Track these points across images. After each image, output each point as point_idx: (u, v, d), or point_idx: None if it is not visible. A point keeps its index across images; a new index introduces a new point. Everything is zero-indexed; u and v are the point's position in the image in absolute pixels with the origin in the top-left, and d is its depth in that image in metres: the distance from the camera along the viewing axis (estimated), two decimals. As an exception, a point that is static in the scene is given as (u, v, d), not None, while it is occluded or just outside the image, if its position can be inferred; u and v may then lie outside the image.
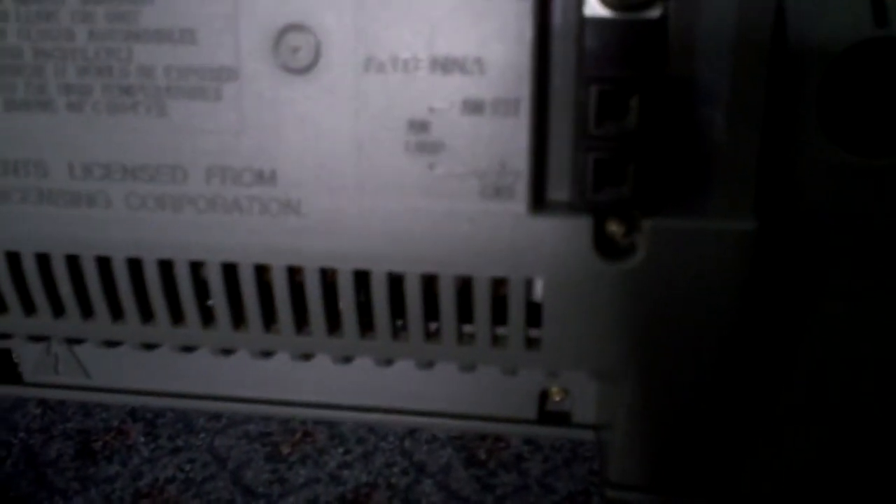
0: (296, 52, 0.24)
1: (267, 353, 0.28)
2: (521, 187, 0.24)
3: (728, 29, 0.24)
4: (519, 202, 0.24)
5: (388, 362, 0.28)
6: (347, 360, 0.28)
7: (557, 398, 0.35)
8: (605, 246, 0.25)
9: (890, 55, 0.26)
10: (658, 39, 0.23)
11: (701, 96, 0.24)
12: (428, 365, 0.28)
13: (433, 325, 0.27)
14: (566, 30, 0.24)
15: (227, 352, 0.28)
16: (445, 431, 0.39)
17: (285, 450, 0.40)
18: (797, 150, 0.26)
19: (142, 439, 0.41)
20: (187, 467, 0.39)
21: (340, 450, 0.40)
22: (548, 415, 0.35)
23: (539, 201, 0.24)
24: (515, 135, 0.24)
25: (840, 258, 0.26)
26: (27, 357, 0.36)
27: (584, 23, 0.23)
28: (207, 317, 0.27)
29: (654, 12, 0.23)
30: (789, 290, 0.26)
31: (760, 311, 0.26)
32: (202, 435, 0.41)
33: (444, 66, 0.23)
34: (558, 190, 0.25)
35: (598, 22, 0.23)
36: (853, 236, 0.26)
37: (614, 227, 0.24)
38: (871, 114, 0.26)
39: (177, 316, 0.27)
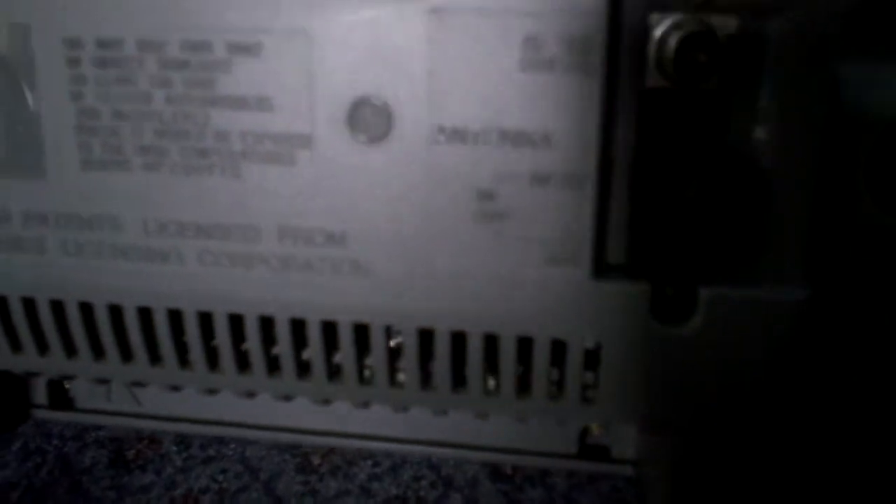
0: (368, 122, 0.25)
1: (326, 400, 0.29)
2: (584, 254, 0.25)
3: (784, 101, 0.24)
4: (581, 268, 0.25)
5: (446, 413, 0.29)
6: (405, 408, 0.29)
7: (597, 432, 0.36)
8: (662, 311, 0.26)
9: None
10: (715, 110, 0.24)
11: (755, 167, 0.25)
12: (484, 416, 0.29)
13: (491, 380, 0.28)
14: (630, 104, 0.24)
15: (289, 397, 0.29)
16: (488, 462, 0.40)
17: (315, 461, 0.41)
18: (847, 219, 0.27)
19: (174, 448, 0.42)
20: (220, 477, 0.40)
21: (369, 462, 0.41)
22: (588, 448, 0.36)
23: (600, 268, 0.25)
24: (580, 205, 0.24)
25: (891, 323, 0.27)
26: (80, 385, 0.37)
27: (645, 94, 0.24)
28: (273, 366, 0.28)
29: (711, 84, 0.24)
30: (841, 356, 0.27)
31: (812, 375, 0.27)
32: (233, 445, 0.42)
33: (513, 139, 0.24)
34: (618, 256, 0.26)
35: (659, 93, 0.24)
36: None
37: (671, 294, 0.25)
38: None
39: (243, 365, 0.28)
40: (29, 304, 0.29)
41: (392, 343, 0.27)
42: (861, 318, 0.27)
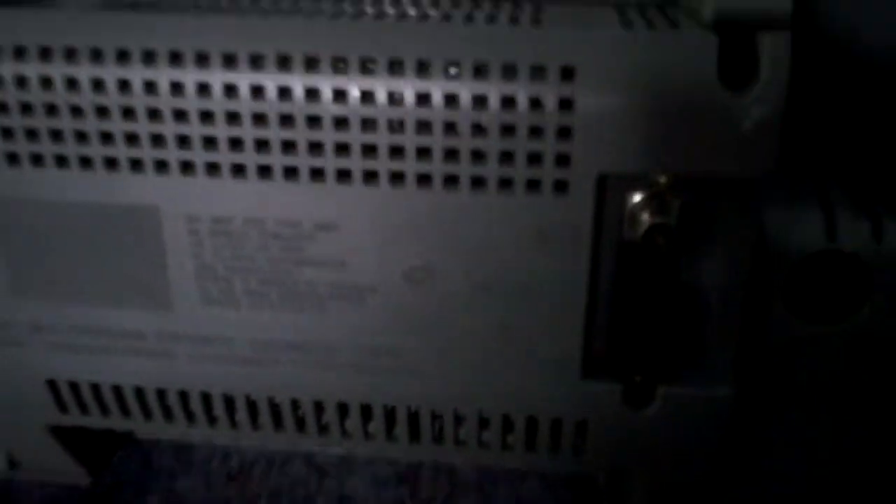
0: (419, 277, 0.34)
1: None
2: (576, 360, 0.35)
3: (721, 246, 0.34)
4: (574, 369, 0.35)
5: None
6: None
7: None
8: (630, 400, 0.36)
9: (837, 261, 0.36)
10: (670, 259, 0.33)
11: (699, 295, 0.34)
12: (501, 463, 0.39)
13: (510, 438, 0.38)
14: (610, 253, 0.34)
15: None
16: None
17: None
18: (768, 328, 0.36)
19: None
20: (266, 451, 0.50)
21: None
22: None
23: (587, 369, 0.35)
24: (574, 325, 0.34)
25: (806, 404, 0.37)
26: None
27: (621, 247, 0.33)
28: (323, 430, 0.39)
29: (668, 246, 0.33)
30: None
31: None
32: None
33: (522, 287, 0.34)
34: (601, 363, 0.35)
35: (630, 246, 0.33)
36: (818, 386, 0.37)
37: (639, 382, 0.35)
38: (824, 296, 0.37)
39: (300, 427, 0.39)
40: (161, 394, 0.38)
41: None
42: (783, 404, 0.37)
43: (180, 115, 0.32)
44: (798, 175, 0.39)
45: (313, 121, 0.32)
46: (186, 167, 0.33)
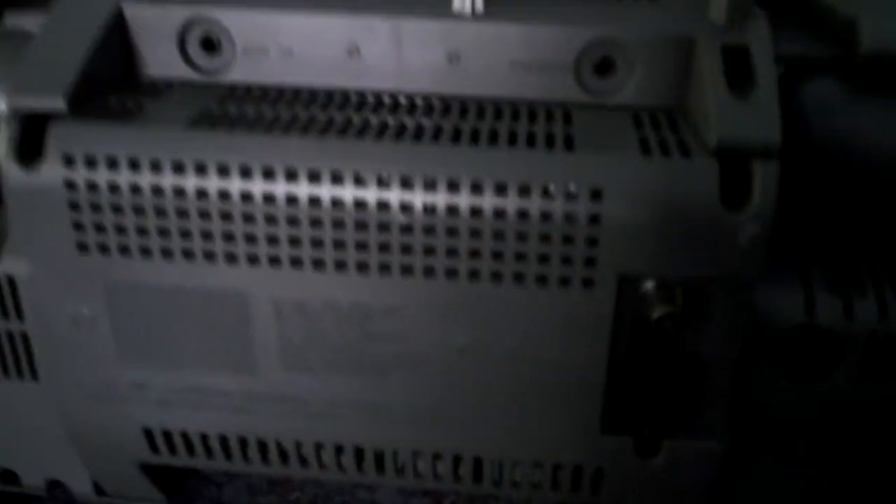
0: (468, 351, 0.41)
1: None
2: (596, 419, 0.42)
3: (716, 323, 0.40)
4: (594, 426, 0.42)
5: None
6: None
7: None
8: (641, 451, 0.43)
9: (814, 334, 0.43)
10: (675, 335, 0.40)
11: (698, 362, 0.41)
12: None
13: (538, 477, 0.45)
14: (627, 329, 0.40)
15: None
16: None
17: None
18: (754, 384, 0.43)
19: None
20: None
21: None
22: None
23: (605, 426, 0.42)
24: (595, 390, 0.41)
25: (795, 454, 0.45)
26: None
27: (636, 323, 0.40)
28: (380, 471, 0.45)
29: (675, 328, 0.40)
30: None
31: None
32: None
33: (546, 364, 0.40)
34: (616, 421, 0.42)
35: (642, 322, 0.40)
36: (797, 437, 0.45)
37: (647, 434, 0.42)
38: (804, 361, 0.44)
39: (359, 467, 0.46)
40: (242, 441, 0.45)
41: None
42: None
43: (271, 220, 0.39)
44: (783, 256, 0.45)
45: (383, 227, 0.38)
46: (274, 261, 0.40)
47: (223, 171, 0.38)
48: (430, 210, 0.38)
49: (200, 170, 0.38)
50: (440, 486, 0.46)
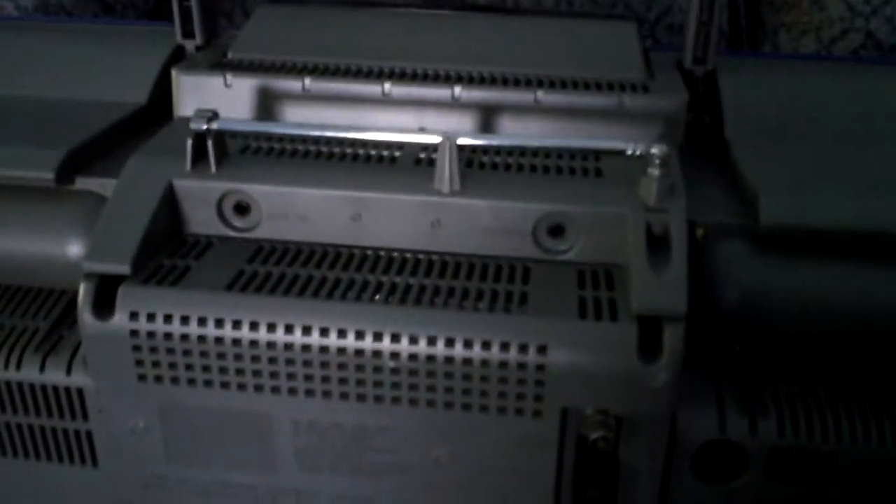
0: (444, 461, 0.51)
1: None
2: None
3: (646, 443, 0.51)
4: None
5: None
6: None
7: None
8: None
9: (725, 446, 0.53)
10: (609, 457, 0.51)
11: (630, 475, 0.52)
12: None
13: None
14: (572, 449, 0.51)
15: None
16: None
17: None
18: (677, 486, 0.54)
19: None
20: None
21: None
22: None
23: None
24: (546, 494, 0.51)
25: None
26: None
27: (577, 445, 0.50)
28: None
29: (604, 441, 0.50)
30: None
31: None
32: None
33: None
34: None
35: (582, 443, 0.50)
36: None
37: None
38: (719, 461, 0.54)
39: None
40: None
41: None
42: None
43: (290, 362, 0.50)
44: (701, 377, 0.56)
45: (377, 369, 0.49)
46: (292, 391, 0.51)
47: (253, 326, 0.49)
48: (413, 357, 0.49)
49: (236, 324, 0.49)
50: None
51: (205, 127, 0.54)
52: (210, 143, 0.54)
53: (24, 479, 0.62)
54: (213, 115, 0.54)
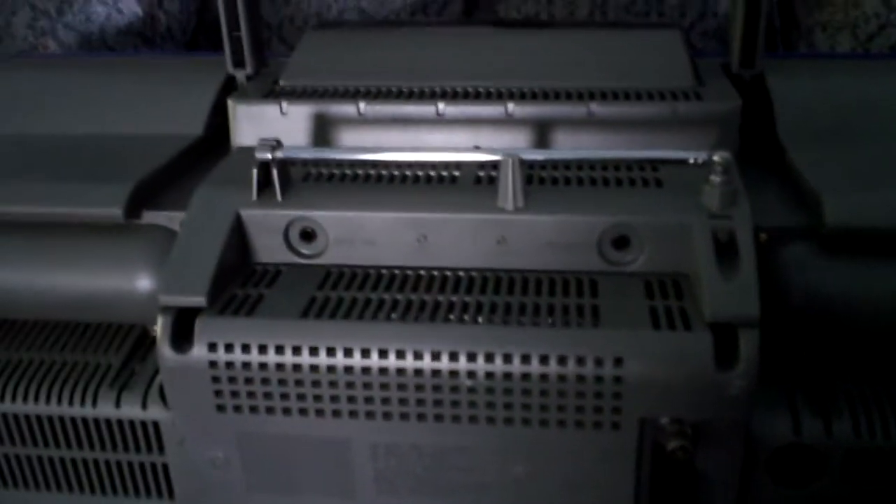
0: (523, 479, 0.51)
1: None
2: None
3: (717, 452, 0.51)
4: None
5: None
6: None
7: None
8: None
9: (801, 450, 0.53)
10: (686, 466, 0.51)
11: (708, 482, 0.52)
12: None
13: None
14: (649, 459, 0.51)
15: None
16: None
17: None
18: (755, 492, 0.54)
19: None
20: None
21: None
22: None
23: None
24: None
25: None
26: None
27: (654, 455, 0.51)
28: None
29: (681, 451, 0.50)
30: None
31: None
32: None
33: (577, 487, 0.51)
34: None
35: (659, 453, 0.50)
36: None
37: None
38: (795, 470, 0.54)
39: None
40: None
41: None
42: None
43: (367, 386, 0.50)
44: (774, 384, 0.56)
45: (454, 389, 0.50)
46: (370, 415, 0.51)
47: (330, 352, 0.50)
48: (489, 376, 0.49)
49: (313, 351, 0.50)
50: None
51: (269, 156, 0.55)
52: (275, 172, 0.55)
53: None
54: (277, 144, 0.55)
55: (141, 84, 0.74)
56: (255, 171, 0.55)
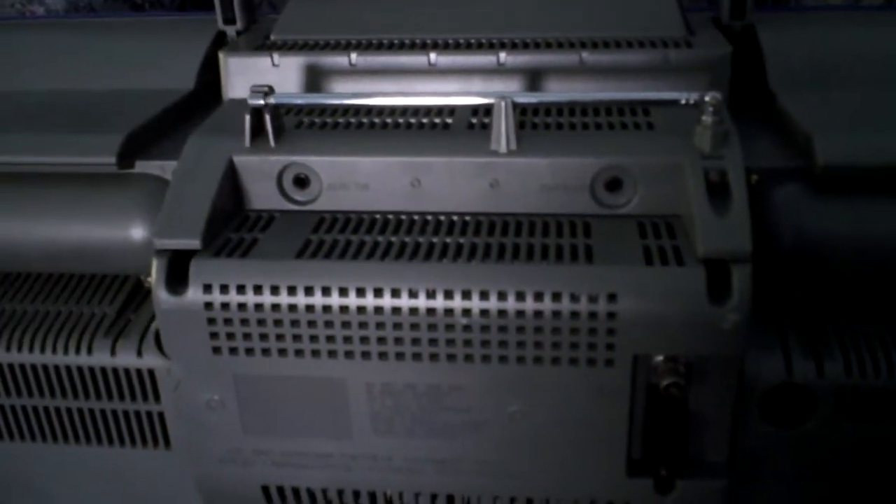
0: (517, 416, 0.52)
1: None
2: (621, 465, 0.53)
3: (715, 388, 0.51)
4: (620, 469, 0.53)
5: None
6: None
7: None
8: (660, 489, 0.54)
9: (793, 389, 0.54)
10: (680, 403, 0.51)
11: (701, 421, 0.52)
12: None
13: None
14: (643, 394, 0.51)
15: None
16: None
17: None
18: (746, 431, 0.54)
19: None
20: None
21: None
22: None
23: (630, 471, 0.53)
24: (620, 442, 0.52)
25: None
26: None
27: (649, 390, 0.51)
28: None
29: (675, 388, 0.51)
30: None
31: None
32: None
33: (584, 427, 0.52)
34: (638, 465, 0.53)
35: (653, 388, 0.51)
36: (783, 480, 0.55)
37: (664, 475, 0.53)
38: (787, 405, 0.55)
39: None
40: (340, 492, 0.57)
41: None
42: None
43: (363, 325, 0.50)
44: (766, 324, 0.56)
45: (449, 328, 0.50)
46: (365, 355, 0.51)
47: (326, 291, 0.50)
48: (484, 313, 0.49)
49: (308, 291, 0.50)
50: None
51: (262, 102, 0.55)
52: (268, 118, 0.55)
53: (96, 464, 0.63)
54: (269, 90, 0.55)
55: (132, 41, 0.73)
56: (247, 118, 0.55)
